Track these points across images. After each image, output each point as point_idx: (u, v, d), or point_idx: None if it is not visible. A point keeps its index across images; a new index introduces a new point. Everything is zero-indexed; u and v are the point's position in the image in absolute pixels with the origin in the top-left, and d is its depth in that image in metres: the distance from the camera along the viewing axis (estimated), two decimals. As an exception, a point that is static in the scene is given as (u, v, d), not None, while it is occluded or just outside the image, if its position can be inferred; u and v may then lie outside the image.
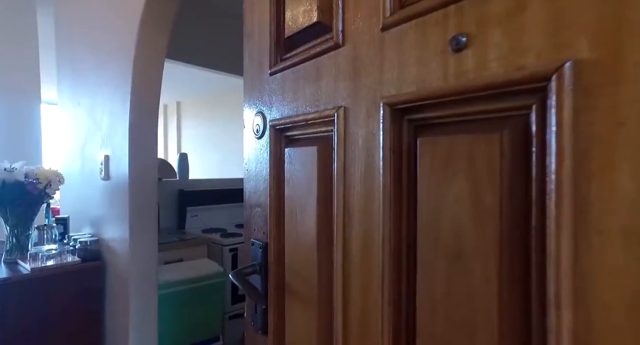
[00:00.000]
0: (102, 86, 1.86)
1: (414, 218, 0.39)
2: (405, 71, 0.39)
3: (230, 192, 2.94)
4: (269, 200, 0.60)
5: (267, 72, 0.62)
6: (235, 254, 2.37)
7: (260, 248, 0.62)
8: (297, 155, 0.55)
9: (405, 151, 0.40)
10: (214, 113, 5.40)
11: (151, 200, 1.72)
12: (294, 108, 0.56)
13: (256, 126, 0.64)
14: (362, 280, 0.44)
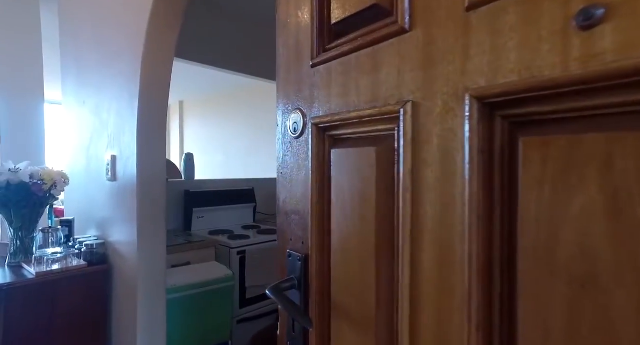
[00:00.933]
0: (108, 84, 1.79)
1: (511, 232, 0.32)
2: (500, 58, 0.32)
3: (236, 193, 2.87)
4: (310, 207, 0.53)
5: (307, 64, 0.55)
6: (243, 256, 2.30)
7: (300, 260, 0.55)
8: (348, 157, 0.48)
9: (497, 153, 0.33)
10: (217, 112, 5.33)
11: (160, 201, 1.65)
12: (342, 104, 0.49)
13: (293, 124, 0.57)
14: (438, 302, 0.37)
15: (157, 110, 1.65)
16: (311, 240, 0.53)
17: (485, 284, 0.33)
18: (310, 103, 0.54)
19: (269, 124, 4.60)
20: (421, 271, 0.39)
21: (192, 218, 2.60)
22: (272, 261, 2.48)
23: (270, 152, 4.58)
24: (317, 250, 0.53)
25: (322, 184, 0.52)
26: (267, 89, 4.44)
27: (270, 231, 2.61)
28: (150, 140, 1.62)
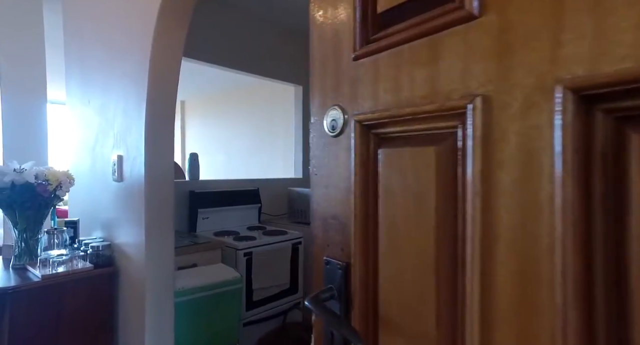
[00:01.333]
0: (114, 83, 1.74)
1: (617, 243, 0.28)
2: (608, 41, 0.28)
3: (241, 194, 2.82)
4: (353, 211, 0.48)
5: (347, 58, 0.50)
6: (250, 258, 2.25)
7: (340, 268, 0.50)
8: (399, 157, 0.43)
9: (597, 152, 0.29)
10: (219, 112, 5.28)
11: (168, 202, 1.60)
12: (392, 99, 0.44)
13: (331, 122, 0.52)
14: (518, 321, 0.33)
15: (165, 109, 1.60)
16: (353, 247, 0.49)
17: (585, 304, 0.28)
18: (352, 99, 0.49)
19: (271, 124, 4.55)
20: (495, 286, 0.34)
21: (197, 219, 2.55)
22: (279, 263, 2.43)
23: (272, 152, 4.53)
24: (361, 258, 0.48)
25: (366, 186, 0.48)
26: (269, 89, 4.40)
27: (276, 232, 2.56)
28: (158, 140, 1.57)
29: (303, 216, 2.82)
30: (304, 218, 2.82)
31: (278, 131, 4.42)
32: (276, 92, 4.34)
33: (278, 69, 3.19)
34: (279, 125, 4.40)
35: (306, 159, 3.44)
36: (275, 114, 4.46)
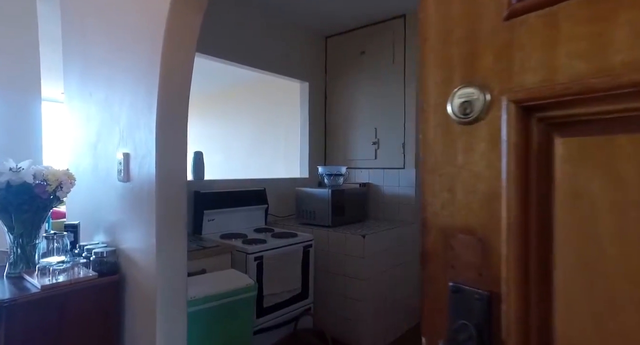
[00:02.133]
0: (121, 75, 1.57)
1: None
2: None
3: (248, 194, 2.66)
4: (504, 224, 0.35)
5: (494, 16, 0.37)
6: (261, 262, 2.11)
7: (479, 299, 0.37)
8: (607, 149, 0.30)
9: None
10: (216, 111, 5.10)
11: (181, 204, 1.45)
12: (590, 67, 0.31)
13: (462, 105, 0.39)
14: None
15: (179, 102, 1.44)
16: (505, 272, 0.35)
17: None
18: (502, 72, 0.36)
19: (272, 123, 4.39)
20: None
21: (202, 221, 2.39)
22: (290, 267, 2.29)
23: (273, 152, 4.37)
24: (518, 287, 0.35)
25: (526, 189, 0.35)
26: (271, 86, 4.24)
27: (286, 235, 2.42)
28: (170, 136, 1.42)
29: (311, 217, 2.69)
30: (312, 219, 2.68)
31: (279, 130, 4.27)
32: (279, 90, 4.18)
33: (284, 64, 3.04)
34: (281, 124, 4.24)
35: (312, 158, 3.30)
36: (277, 112, 4.31)
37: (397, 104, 2.92)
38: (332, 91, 3.35)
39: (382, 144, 3.02)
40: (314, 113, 3.29)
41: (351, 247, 2.40)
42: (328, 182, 2.81)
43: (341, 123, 3.28)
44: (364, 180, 3.12)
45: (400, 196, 2.91)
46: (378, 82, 3.03)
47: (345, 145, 3.25)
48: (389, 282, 2.58)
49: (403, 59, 2.89)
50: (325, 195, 2.62)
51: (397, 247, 2.66)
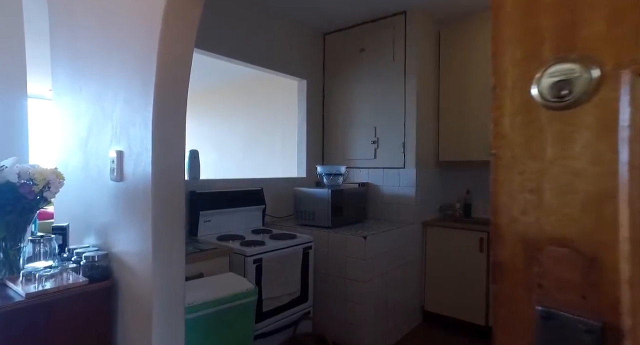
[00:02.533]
0: (114, 69, 1.47)
1: None
2: None
3: (245, 194, 2.57)
4: (625, 233, 0.27)
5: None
6: (260, 265, 2.01)
7: (588, 331, 0.29)
8: None
9: None
10: (210, 109, 4.98)
11: (179, 204, 1.35)
12: None
13: (555, 84, 0.31)
14: None
15: (178, 97, 1.35)
16: (628, 297, 0.27)
17: None
18: (624, 39, 0.28)
19: (268, 121, 4.29)
20: None
21: (198, 222, 2.29)
22: (290, 269, 2.20)
23: (269, 151, 4.28)
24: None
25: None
26: (267, 84, 4.14)
27: (285, 236, 2.33)
28: (168, 132, 1.32)
29: (310, 218, 2.60)
30: (311, 220, 2.59)
31: (276, 129, 4.17)
32: (275, 88, 4.09)
33: (282, 61, 2.95)
34: (277, 122, 4.15)
35: (310, 157, 3.21)
36: (273, 110, 4.21)
37: (398, 103, 2.85)
38: (330, 89, 3.26)
39: (382, 143, 2.95)
40: (312, 111, 3.20)
41: (352, 248, 2.32)
42: (327, 182, 2.73)
43: (340, 122, 3.20)
44: (362, 180, 3.05)
45: (400, 196, 2.84)
46: (378, 80, 2.96)
47: (343, 144, 3.17)
48: (390, 283, 2.51)
49: (404, 57, 2.82)
50: (325, 196, 2.54)
51: (397, 248, 2.59)
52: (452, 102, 2.95)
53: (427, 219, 2.91)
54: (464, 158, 2.90)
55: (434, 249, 2.81)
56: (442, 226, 2.77)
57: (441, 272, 2.77)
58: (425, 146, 2.90)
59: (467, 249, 2.64)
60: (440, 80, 3.01)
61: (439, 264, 2.78)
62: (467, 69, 2.86)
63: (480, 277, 2.58)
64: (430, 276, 2.83)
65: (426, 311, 2.86)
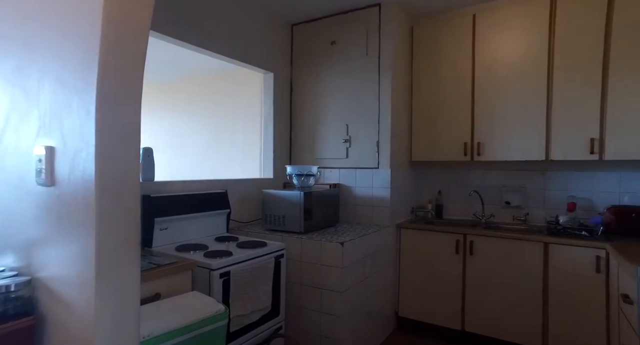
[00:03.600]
0: (42, 36, 1.11)
1: None
2: None
3: (207, 198, 2.23)
4: None
5: None
6: (228, 279, 1.71)
7: None
8: None
9: None
10: (164, 104, 4.50)
11: (132, 215, 1.03)
12: None
13: None
14: None
15: (131, 75, 1.02)
16: None
17: None
18: None
19: (229, 118, 3.93)
20: None
21: (153, 231, 1.93)
22: (261, 282, 1.91)
23: (229, 150, 3.92)
24: None
25: None
26: (228, 78, 3.79)
27: (254, 244, 2.04)
28: (118, 123, 0.99)
29: (280, 223, 2.33)
30: (281, 225, 2.33)
31: (236, 127, 3.83)
32: (235, 83, 3.75)
33: (246, 51, 2.64)
34: (238, 119, 3.81)
35: (278, 156, 2.93)
36: (234, 107, 3.86)
37: (371, 100, 2.67)
38: (298, 83, 3.01)
39: (354, 142, 2.75)
40: (278, 107, 2.92)
41: (328, 256, 2.09)
42: (298, 183, 2.47)
43: (309, 119, 2.95)
44: (334, 180, 2.83)
45: (374, 198, 2.65)
46: (350, 76, 2.75)
47: (313, 143, 2.93)
48: (367, 291, 2.31)
49: (378, 52, 2.64)
50: (297, 198, 2.28)
51: (374, 253, 2.40)
52: (425, 101, 2.82)
53: (401, 221, 2.76)
54: (437, 158, 2.78)
55: (408, 252, 2.66)
56: (417, 229, 2.63)
57: (416, 276, 2.63)
58: (399, 146, 2.74)
59: (443, 251, 2.52)
60: (413, 78, 2.88)
61: (414, 267, 2.63)
62: (441, 67, 2.74)
63: (456, 280, 2.47)
64: (405, 281, 2.68)
65: (400, 317, 2.70)
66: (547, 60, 2.38)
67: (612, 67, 2.20)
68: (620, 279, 1.73)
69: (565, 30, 2.32)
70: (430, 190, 3.06)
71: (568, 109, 2.33)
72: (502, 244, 2.31)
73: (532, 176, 2.68)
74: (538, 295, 2.21)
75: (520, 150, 2.47)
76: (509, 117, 2.50)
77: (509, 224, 2.68)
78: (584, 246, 2.09)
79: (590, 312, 2.07)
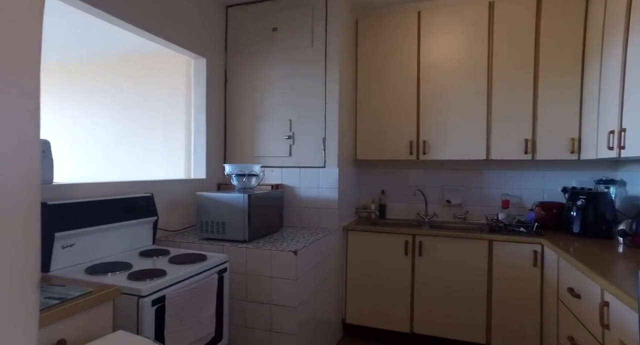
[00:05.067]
0: None
1: None
2: None
3: (127, 204, 1.79)
4: None
5: None
6: (162, 306, 1.35)
7: None
8: None
9: None
10: (64, 88, 3.71)
11: (30, 235, 0.66)
12: None
13: None
14: None
15: (23, 38, 0.66)
16: None
17: None
18: None
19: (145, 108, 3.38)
20: None
21: (52, 250, 1.46)
22: (202, 305, 1.58)
23: (150, 147, 3.37)
24: None
25: None
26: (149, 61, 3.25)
27: (191, 258, 1.69)
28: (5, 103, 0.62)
29: (219, 231, 2.00)
30: (221, 233, 1.99)
31: (155, 120, 3.30)
32: (156, 68, 3.22)
33: (179, 32, 2.24)
34: (157, 111, 3.29)
35: (212, 154, 2.56)
36: (152, 96, 3.32)
37: (317, 93, 2.46)
38: (234, 73, 2.67)
39: (299, 139, 2.52)
40: (212, 98, 2.56)
41: (279, 267, 1.83)
42: (239, 185, 2.16)
43: (247, 112, 2.64)
44: (276, 181, 2.56)
45: (320, 200, 2.46)
46: (294, 67, 2.51)
47: (252, 139, 2.63)
48: (317, 303, 2.11)
49: (324, 43, 2.45)
50: (240, 202, 1.97)
51: (324, 260, 2.21)
52: (371, 97, 2.72)
53: (347, 223, 2.61)
54: (383, 157, 2.69)
55: (356, 256, 2.52)
56: (365, 230, 2.50)
57: (363, 281, 2.50)
58: (346, 144, 2.59)
59: (392, 253, 2.43)
60: (358, 73, 2.75)
61: (361, 272, 2.50)
62: (387, 64, 2.66)
63: (405, 282, 2.40)
64: (352, 286, 2.53)
65: (348, 324, 2.55)
66: (487, 63, 2.44)
67: (542, 71, 2.32)
68: (564, 274, 1.79)
69: (502, 34, 2.40)
70: (373, 190, 2.97)
71: (506, 110, 2.40)
72: (451, 243, 2.30)
73: (471, 175, 2.75)
74: (483, 292, 2.24)
75: (464, 150, 2.49)
76: (454, 117, 2.51)
77: (452, 222, 2.71)
78: (523, 242, 2.16)
79: (528, 305, 2.14)
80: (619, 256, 1.67)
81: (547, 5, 2.31)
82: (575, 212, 2.18)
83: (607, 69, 1.94)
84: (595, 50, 2.10)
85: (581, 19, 2.25)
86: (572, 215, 2.20)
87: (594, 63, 2.11)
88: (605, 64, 1.96)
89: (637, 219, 1.89)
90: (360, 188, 2.98)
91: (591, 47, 2.16)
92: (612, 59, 1.89)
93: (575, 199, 2.19)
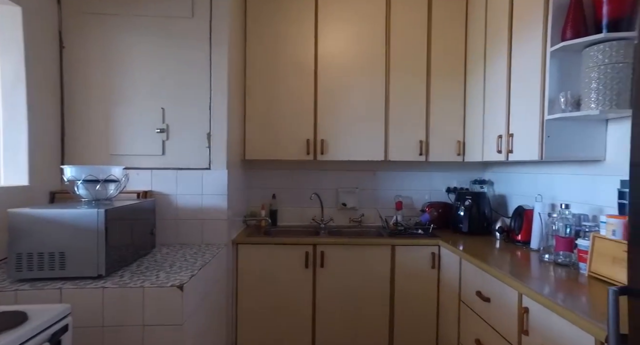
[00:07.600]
0: None
1: None
2: None
3: None
4: None
5: None
6: None
7: None
8: None
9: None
10: None
11: None
12: None
13: None
14: None
15: None
16: None
17: None
18: None
19: None
20: None
21: None
22: None
23: None
24: None
25: None
26: None
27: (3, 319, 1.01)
28: None
29: (52, 266, 1.32)
30: (55, 270, 1.32)
31: None
32: None
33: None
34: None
35: (42, 151, 1.76)
36: None
37: (201, 77, 1.96)
38: (77, 37, 1.92)
39: (175, 133, 1.96)
40: (35, 68, 1.76)
41: (157, 309, 1.29)
42: (88, 195, 1.50)
43: (98, 94, 1.93)
44: (143, 187, 1.94)
45: (205, 209, 1.96)
46: (168, 41, 1.94)
47: (106, 131, 1.93)
48: (204, 342, 1.63)
49: (209, 14, 1.95)
50: (92, 220, 1.34)
51: (212, 286, 1.74)
52: (261, 86, 2.34)
53: (236, 236, 2.18)
54: (273, 157, 2.35)
55: (247, 274, 2.10)
56: (258, 243, 2.11)
57: (257, 302, 2.10)
58: (234, 141, 2.15)
59: (290, 267, 2.10)
60: (247, 58, 2.34)
61: (254, 292, 2.10)
62: (280, 48, 2.32)
63: (306, 298, 2.11)
64: (244, 311, 2.10)
65: (239, 357, 2.12)
66: (385, 62, 2.35)
67: (433, 74, 2.36)
68: (470, 277, 1.78)
69: (398, 34, 2.35)
70: (263, 195, 2.59)
71: (402, 110, 2.36)
72: (355, 250, 2.11)
73: (365, 177, 2.65)
74: (387, 300, 2.13)
75: (364, 150, 2.35)
76: (353, 115, 2.35)
77: (349, 226, 2.55)
78: (423, 244, 2.13)
79: (427, 307, 2.13)
80: (508, 252, 1.75)
81: (436, 8, 2.35)
82: (463, 211, 2.26)
83: (492, 76, 2.03)
84: (477, 58, 2.20)
85: (462, 28, 2.35)
86: (460, 215, 2.28)
87: (477, 70, 2.21)
88: (490, 71, 2.06)
89: (512, 217, 2.04)
90: (248, 192, 2.57)
91: (472, 54, 2.27)
92: (497, 68, 1.98)
93: (463, 199, 2.28)
